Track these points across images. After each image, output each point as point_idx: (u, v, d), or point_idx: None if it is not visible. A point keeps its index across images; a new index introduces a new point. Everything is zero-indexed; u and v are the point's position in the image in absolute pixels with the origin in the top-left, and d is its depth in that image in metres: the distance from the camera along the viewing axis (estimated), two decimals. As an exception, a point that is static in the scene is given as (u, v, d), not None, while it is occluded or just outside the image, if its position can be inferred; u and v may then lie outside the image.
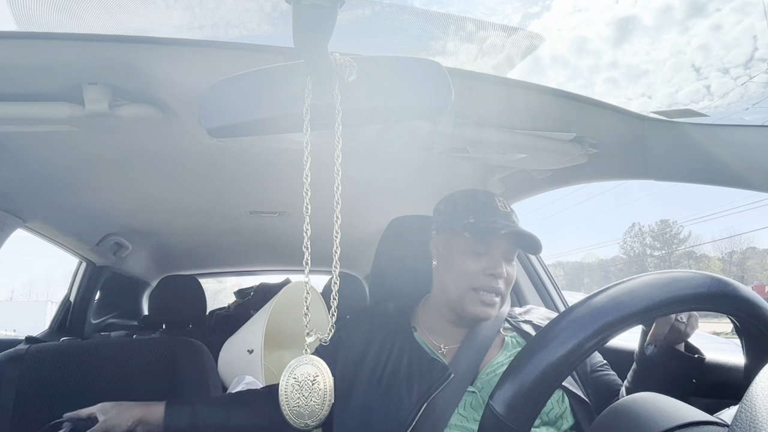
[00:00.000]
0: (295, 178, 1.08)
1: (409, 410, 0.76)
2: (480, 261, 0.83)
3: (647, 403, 0.45)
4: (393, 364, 0.83)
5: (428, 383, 0.79)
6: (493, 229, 0.82)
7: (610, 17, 52.23)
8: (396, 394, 0.79)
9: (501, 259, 0.83)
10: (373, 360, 0.84)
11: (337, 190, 0.57)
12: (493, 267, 0.82)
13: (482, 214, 0.84)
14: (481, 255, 0.83)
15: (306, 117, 0.56)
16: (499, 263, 0.83)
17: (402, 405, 0.77)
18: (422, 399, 0.77)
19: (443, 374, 0.79)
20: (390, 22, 0.81)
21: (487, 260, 0.83)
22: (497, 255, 0.83)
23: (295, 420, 0.56)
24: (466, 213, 0.86)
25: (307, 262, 0.55)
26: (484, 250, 0.84)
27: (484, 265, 0.83)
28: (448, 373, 0.79)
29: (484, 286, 0.83)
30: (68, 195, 1.39)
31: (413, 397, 0.78)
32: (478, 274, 0.83)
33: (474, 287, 0.83)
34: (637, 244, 42.44)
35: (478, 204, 0.87)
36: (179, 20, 0.74)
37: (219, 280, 4.32)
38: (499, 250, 0.84)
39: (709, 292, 0.46)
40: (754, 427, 0.30)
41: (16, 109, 0.78)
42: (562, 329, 0.45)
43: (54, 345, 1.16)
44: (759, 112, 0.95)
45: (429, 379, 0.79)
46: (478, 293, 0.83)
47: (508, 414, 0.43)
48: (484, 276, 0.82)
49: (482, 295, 0.83)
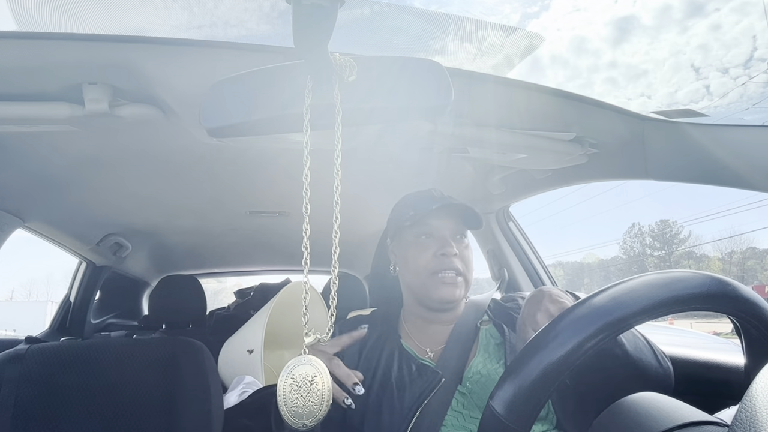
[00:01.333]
0: (294, 178, 1.08)
1: (402, 418, 0.76)
2: (429, 246, 0.86)
3: (647, 402, 0.45)
4: (383, 373, 0.83)
5: (419, 389, 0.78)
6: (430, 210, 0.85)
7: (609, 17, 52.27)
8: (388, 403, 0.79)
9: (449, 239, 0.86)
10: (364, 369, 0.83)
11: (337, 190, 0.57)
12: (441, 247, 0.85)
13: (420, 205, 0.88)
14: (428, 240, 0.87)
15: (306, 117, 0.56)
16: (447, 242, 0.85)
17: (394, 413, 0.77)
18: (414, 405, 0.76)
19: (434, 379, 0.79)
20: (390, 22, 0.81)
21: (434, 243, 0.86)
22: (444, 235, 0.87)
23: (293, 420, 0.55)
24: (406, 209, 0.90)
25: (307, 262, 0.55)
26: (428, 235, 0.87)
27: (434, 248, 0.86)
28: (438, 378, 0.79)
29: (439, 267, 0.84)
30: (68, 195, 1.39)
31: (405, 405, 0.77)
32: (431, 258, 0.85)
33: (431, 272, 0.85)
34: (637, 244, 42.44)
35: (417, 198, 0.91)
36: (177, 20, 0.74)
37: (219, 280, 4.32)
38: (445, 231, 0.87)
39: (709, 292, 0.46)
40: (754, 427, 0.29)
41: (16, 109, 0.78)
42: (562, 329, 0.45)
43: (54, 345, 1.16)
44: (759, 112, 0.95)
45: (420, 385, 0.79)
46: (437, 276, 0.84)
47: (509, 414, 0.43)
48: (436, 258, 0.85)
49: (441, 276, 0.84)
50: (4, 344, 1.46)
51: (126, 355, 1.16)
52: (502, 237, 1.60)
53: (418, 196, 0.91)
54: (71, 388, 1.10)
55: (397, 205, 0.95)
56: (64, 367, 1.12)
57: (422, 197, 0.90)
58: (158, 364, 1.16)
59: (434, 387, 0.78)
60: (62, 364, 1.12)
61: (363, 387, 0.76)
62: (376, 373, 0.83)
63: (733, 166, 0.81)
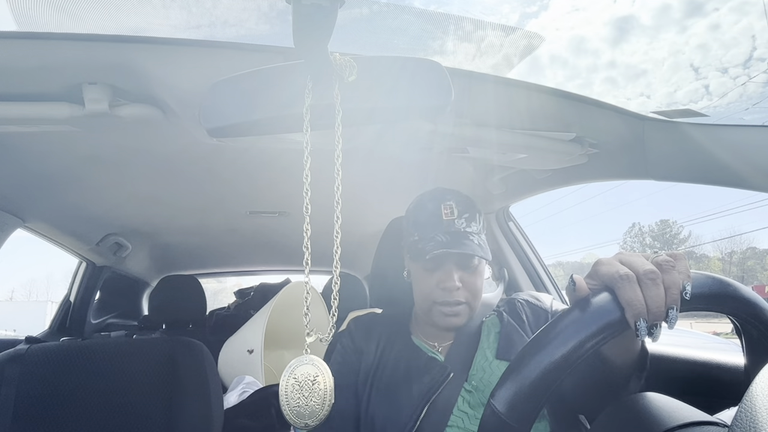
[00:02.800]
0: (295, 178, 1.08)
1: (411, 411, 0.77)
2: (432, 277, 0.83)
3: (648, 403, 0.45)
4: (392, 367, 0.84)
5: (428, 384, 0.79)
6: (423, 251, 0.80)
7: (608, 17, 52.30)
8: (396, 397, 0.79)
9: (452, 272, 0.81)
10: (380, 364, 0.85)
11: (337, 190, 0.57)
12: (443, 281, 0.81)
13: (425, 229, 0.83)
14: (433, 270, 0.83)
15: (306, 117, 0.56)
16: (449, 276, 0.81)
17: (403, 407, 0.78)
18: (424, 399, 0.77)
19: (442, 373, 0.80)
20: (390, 22, 0.81)
21: (438, 275, 0.82)
22: (448, 268, 0.81)
23: (295, 420, 0.55)
24: (413, 229, 0.85)
25: (307, 262, 0.55)
26: (433, 266, 0.82)
27: (436, 279, 0.82)
28: (447, 372, 0.80)
29: (441, 300, 0.82)
30: (68, 195, 1.39)
31: (414, 399, 0.78)
32: (434, 289, 0.82)
33: (433, 301, 0.83)
34: (637, 244, 42.44)
35: (424, 215, 0.84)
36: (176, 19, 0.74)
37: (219, 280, 4.32)
38: (450, 263, 0.82)
39: (709, 292, 0.46)
40: (754, 427, 0.29)
41: (16, 109, 0.78)
42: (563, 329, 0.45)
43: (54, 345, 1.16)
44: (759, 111, 0.95)
45: (428, 380, 0.80)
46: (438, 306, 0.82)
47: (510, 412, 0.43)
48: (439, 290, 0.82)
49: (443, 308, 0.82)
50: (4, 344, 1.46)
51: (126, 355, 1.16)
52: (502, 237, 1.60)
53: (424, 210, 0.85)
54: (71, 388, 1.10)
55: (408, 211, 0.90)
56: (64, 367, 1.12)
57: (430, 215, 0.84)
58: (158, 364, 1.16)
59: (442, 381, 0.79)
60: (62, 364, 1.12)
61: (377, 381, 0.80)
62: (387, 366, 0.84)
63: (733, 166, 0.81)
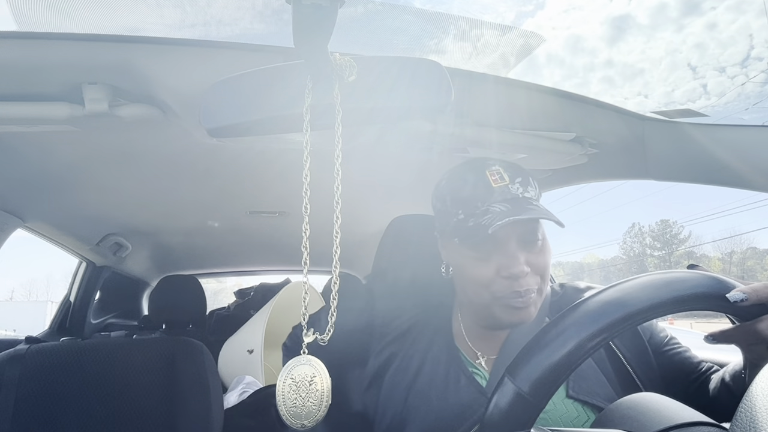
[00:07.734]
0: (294, 178, 1.08)
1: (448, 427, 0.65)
2: (490, 264, 0.65)
3: (645, 402, 0.45)
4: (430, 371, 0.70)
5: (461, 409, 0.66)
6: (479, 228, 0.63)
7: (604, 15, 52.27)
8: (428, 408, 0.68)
9: (517, 253, 0.64)
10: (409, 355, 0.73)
11: (337, 190, 0.57)
12: (507, 267, 0.64)
13: (472, 204, 0.66)
14: (488, 256, 0.65)
15: (306, 117, 0.56)
16: (514, 260, 0.63)
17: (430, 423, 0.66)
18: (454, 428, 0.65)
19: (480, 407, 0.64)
20: (389, 22, 0.81)
21: (498, 260, 0.65)
22: (510, 249, 0.64)
23: (292, 420, 0.55)
24: (454, 207, 0.68)
25: (306, 262, 0.55)
26: (489, 251, 0.65)
27: (496, 266, 0.65)
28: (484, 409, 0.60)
29: (505, 290, 0.64)
30: (68, 195, 1.39)
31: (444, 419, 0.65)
32: (494, 279, 0.65)
33: (495, 296, 0.65)
34: (637, 244, 42.47)
35: (467, 188, 0.68)
36: (170, 18, 0.74)
37: (219, 280, 4.33)
38: (512, 242, 0.65)
39: (710, 292, 0.46)
40: (754, 427, 0.29)
41: (16, 109, 0.78)
42: (566, 327, 0.45)
43: (54, 345, 1.16)
44: (758, 111, 0.95)
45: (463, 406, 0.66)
46: (502, 300, 0.65)
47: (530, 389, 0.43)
48: (501, 280, 0.64)
49: (511, 300, 0.65)
50: (4, 344, 1.46)
51: (126, 355, 1.16)
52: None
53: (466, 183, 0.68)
54: (71, 388, 1.10)
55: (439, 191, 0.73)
56: (64, 367, 1.12)
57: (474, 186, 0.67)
58: (158, 364, 1.16)
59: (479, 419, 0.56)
60: (62, 364, 1.12)
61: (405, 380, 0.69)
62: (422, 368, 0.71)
63: (733, 165, 0.81)
